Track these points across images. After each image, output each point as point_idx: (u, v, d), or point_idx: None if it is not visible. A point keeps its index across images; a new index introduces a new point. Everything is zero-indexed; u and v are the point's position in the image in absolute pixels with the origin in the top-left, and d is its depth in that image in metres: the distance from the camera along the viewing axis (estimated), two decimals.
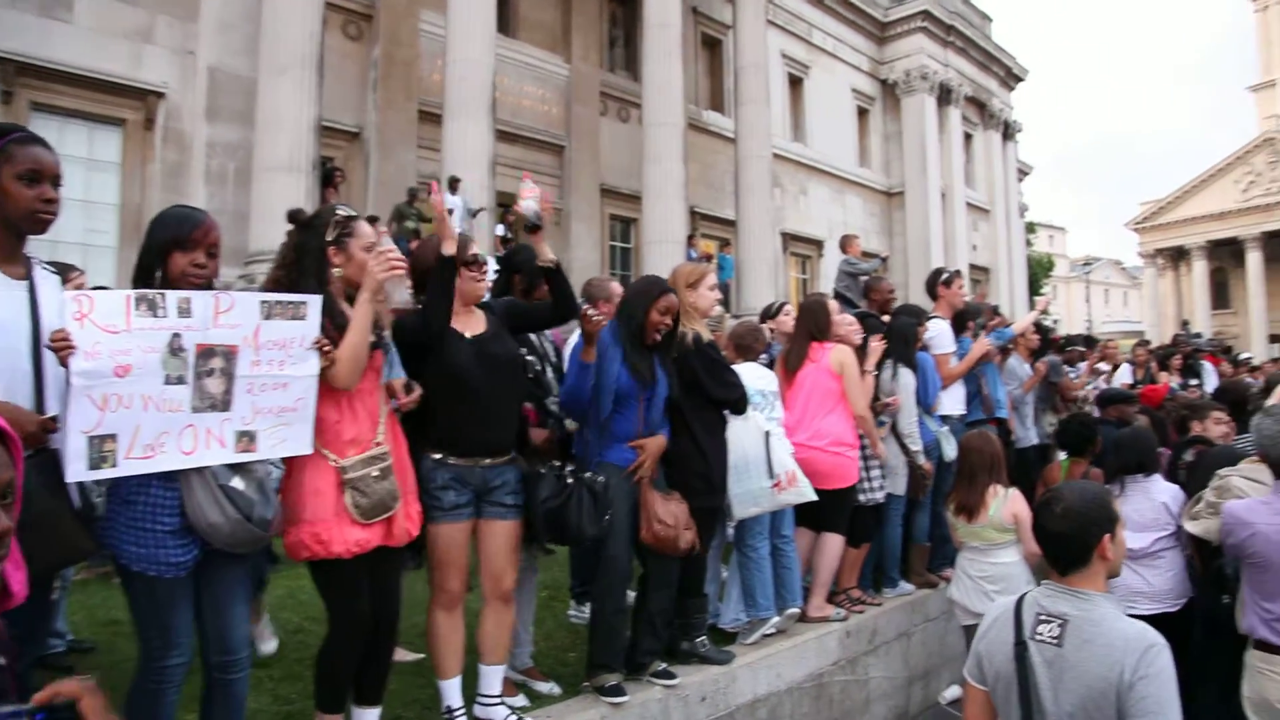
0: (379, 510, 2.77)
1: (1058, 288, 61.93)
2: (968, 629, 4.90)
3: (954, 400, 6.17)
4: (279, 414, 2.62)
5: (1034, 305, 7.76)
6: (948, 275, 6.77)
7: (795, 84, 22.68)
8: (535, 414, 3.87)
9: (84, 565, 4.65)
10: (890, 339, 5.66)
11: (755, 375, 4.66)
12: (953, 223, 25.02)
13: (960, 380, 6.28)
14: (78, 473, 2.28)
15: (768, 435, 4.43)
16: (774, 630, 4.69)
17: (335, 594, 2.87)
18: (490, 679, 3.36)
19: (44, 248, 2.59)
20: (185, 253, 2.54)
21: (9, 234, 2.36)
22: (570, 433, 3.99)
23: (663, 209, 15.02)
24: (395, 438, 2.97)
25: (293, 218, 2.97)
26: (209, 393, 2.50)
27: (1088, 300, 52.78)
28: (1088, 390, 8.17)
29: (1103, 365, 9.36)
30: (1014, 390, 6.95)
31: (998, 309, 8.37)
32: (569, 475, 3.45)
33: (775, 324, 5.96)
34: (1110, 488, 4.67)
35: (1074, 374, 8.21)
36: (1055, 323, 40.08)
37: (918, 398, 5.64)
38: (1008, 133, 29.46)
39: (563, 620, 4.96)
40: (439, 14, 13.63)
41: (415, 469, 3.08)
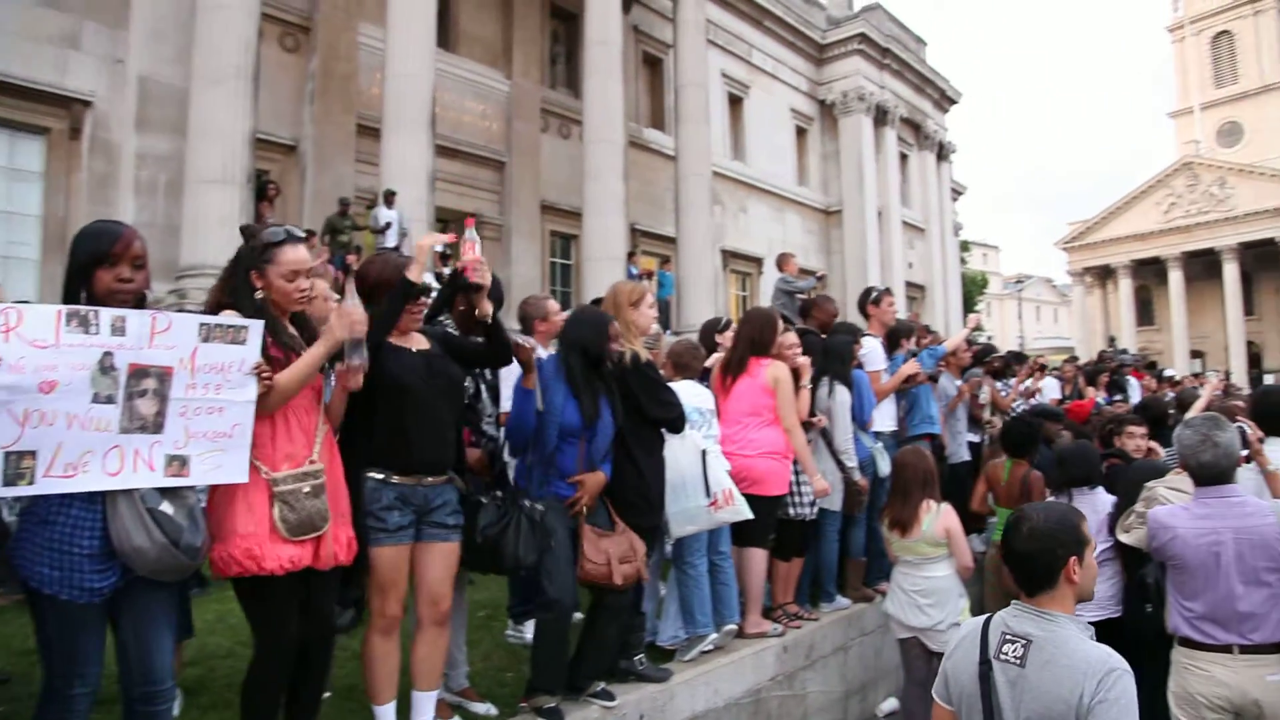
0: (306, 528, 2.70)
1: (991, 305, 63.44)
2: (903, 642, 4.99)
3: (886, 417, 6.29)
4: (214, 439, 2.56)
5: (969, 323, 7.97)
6: (876, 294, 6.91)
7: (735, 103, 22.95)
8: (470, 434, 3.84)
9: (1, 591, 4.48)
10: (827, 357, 5.75)
11: (692, 393, 4.69)
12: (889, 241, 25.51)
13: (892, 397, 6.40)
14: None
15: (705, 454, 4.46)
16: (712, 647, 4.71)
17: (263, 615, 2.78)
18: (424, 706, 3.31)
19: None
20: (109, 268, 2.47)
21: None
22: (500, 448, 3.97)
23: (603, 226, 15.04)
24: (332, 459, 2.91)
25: (242, 233, 2.95)
26: (140, 414, 2.43)
27: (1020, 317, 54.08)
28: (1017, 406, 8.38)
29: (1030, 382, 9.60)
30: (944, 408, 7.09)
31: (930, 328, 8.55)
32: (508, 502, 3.44)
33: (722, 339, 6.00)
34: (1060, 500, 4.84)
35: (1004, 388, 8.41)
36: (989, 339, 41.02)
37: (853, 415, 5.72)
38: (942, 153, 30.15)
39: (501, 640, 4.91)
40: (378, 27, 13.52)
41: (354, 492, 3.02)
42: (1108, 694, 2.06)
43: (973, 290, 43.61)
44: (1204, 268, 50.55)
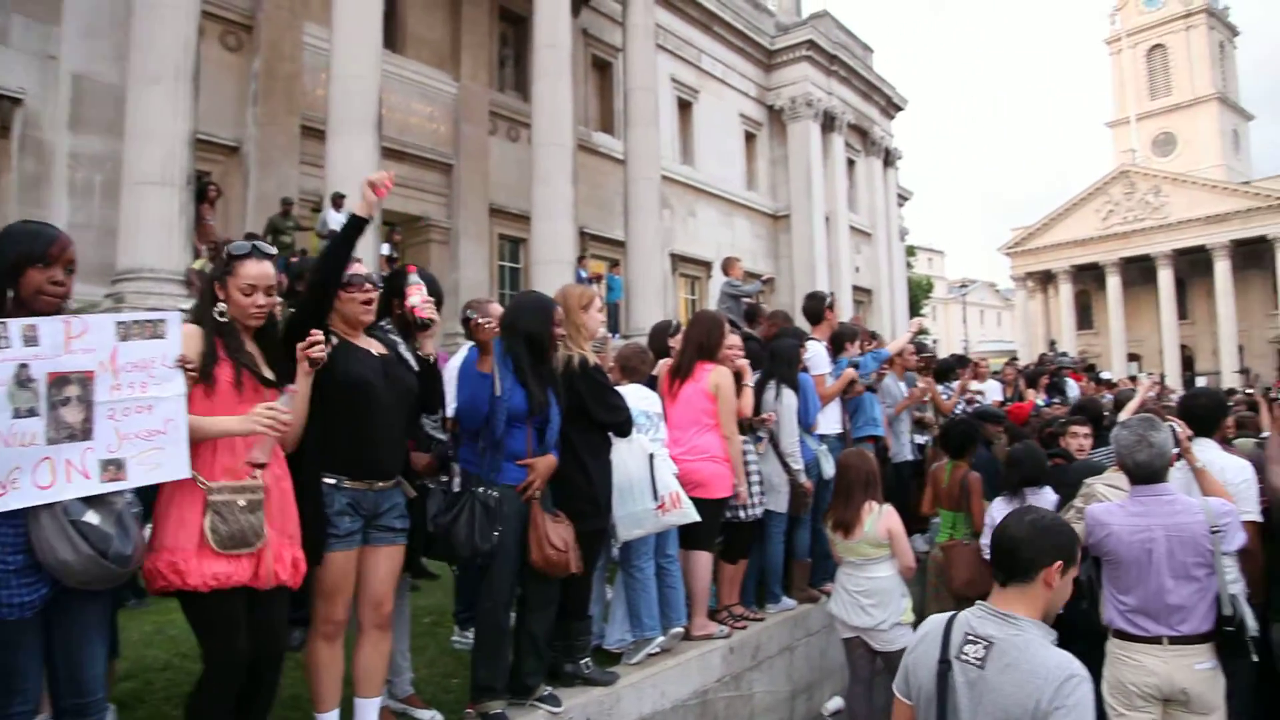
0: (238, 542, 2.62)
1: (937, 309, 64.56)
2: (847, 642, 5.05)
3: (831, 420, 6.36)
4: (148, 438, 2.50)
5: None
6: (831, 299, 7.05)
7: (685, 108, 23.06)
8: (413, 440, 3.80)
9: None
10: (774, 360, 5.81)
11: (639, 397, 4.70)
12: (837, 245, 25.81)
13: (837, 400, 6.48)
14: None
15: (652, 457, 4.47)
16: (659, 649, 4.71)
17: (205, 631, 2.71)
18: (367, 713, 3.27)
19: None
20: (43, 269, 2.41)
21: None
22: (449, 451, 3.94)
23: (552, 229, 15.00)
24: (280, 479, 2.84)
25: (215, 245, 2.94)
26: (66, 422, 2.36)
27: (964, 321, 55.13)
28: (959, 408, 8.52)
29: (975, 384, 9.77)
30: (889, 410, 7.19)
31: (875, 333, 8.67)
32: (459, 489, 3.42)
33: (675, 342, 6.01)
34: (1014, 501, 4.95)
35: (945, 392, 8.55)
36: (935, 342, 41.70)
37: (799, 417, 5.78)
38: (888, 159, 30.60)
39: (446, 646, 4.86)
40: (323, 27, 13.35)
41: (307, 500, 2.96)
42: (1065, 700, 2.07)
43: (918, 294, 44.34)
44: (1140, 273, 52.01)
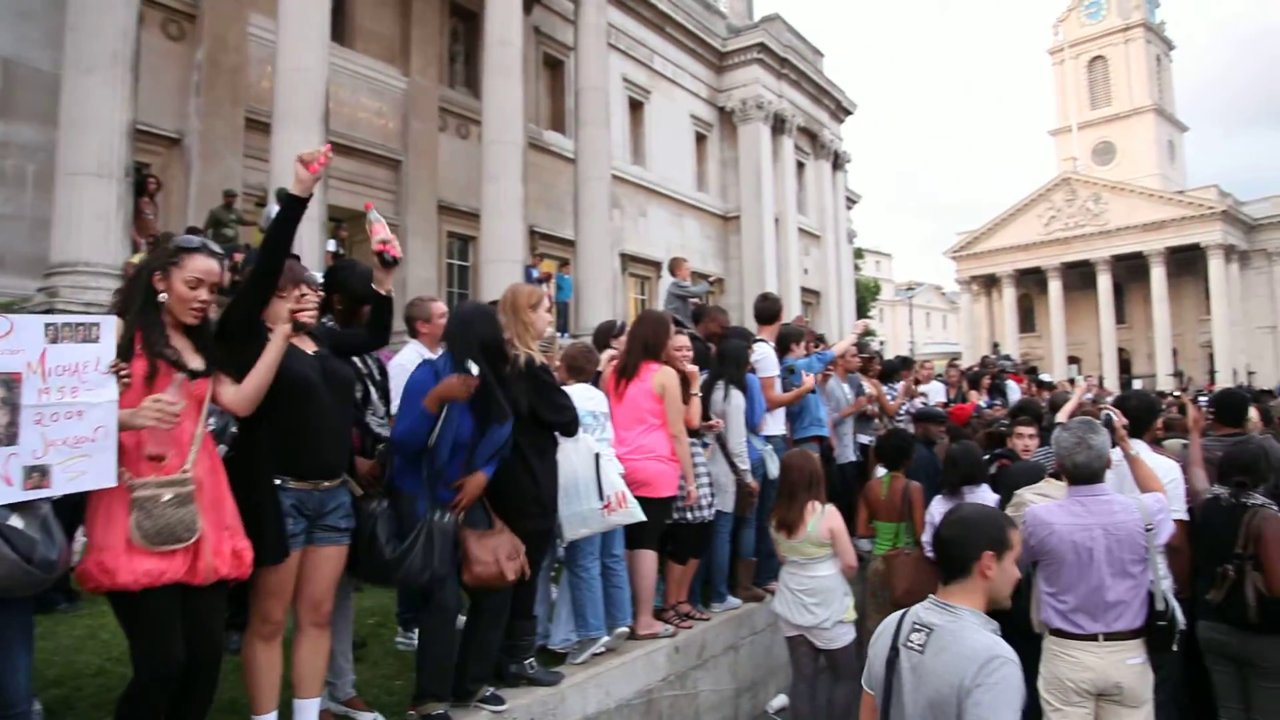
0: (166, 538, 2.53)
1: (884, 311, 65.45)
2: (790, 640, 5.09)
3: (776, 420, 6.42)
4: (75, 445, 2.42)
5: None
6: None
7: (636, 108, 23.06)
8: (359, 437, 3.76)
9: None
10: (723, 362, 5.85)
11: (586, 396, 4.71)
12: (786, 247, 26.03)
13: None
14: None
15: (598, 457, 4.47)
16: (604, 649, 4.72)
17: (137, 634, 2.62)
18: (306, 714, 3.23)
19: None
20: None
21: None
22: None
23: (502, 228, 14.90)
24: (213, 470, 2.77)
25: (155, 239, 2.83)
26: None
27: (911, 323, 55.89)
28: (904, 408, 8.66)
29: (920, 386, 9.94)
30: (834, 413, 7.27)
31: (822, 336, 8.76)
32: (390, 507, 3.38)
33: (618, 344, 6.02)
34: (952, 500, 5.03)
35: (890, 393, 8.69)
36: (882, 344, 42.29)
37: (746, 418, 5.82)
38: (837, 163, 30.92)
39: (390, 648, 4.82)
40: (269, 18, 13.08)
41: (254, 502, 2.90)
42: (986, 679, 2.18)
43: (866, 296, 44.91)
44: (1081, 278, 53.32)
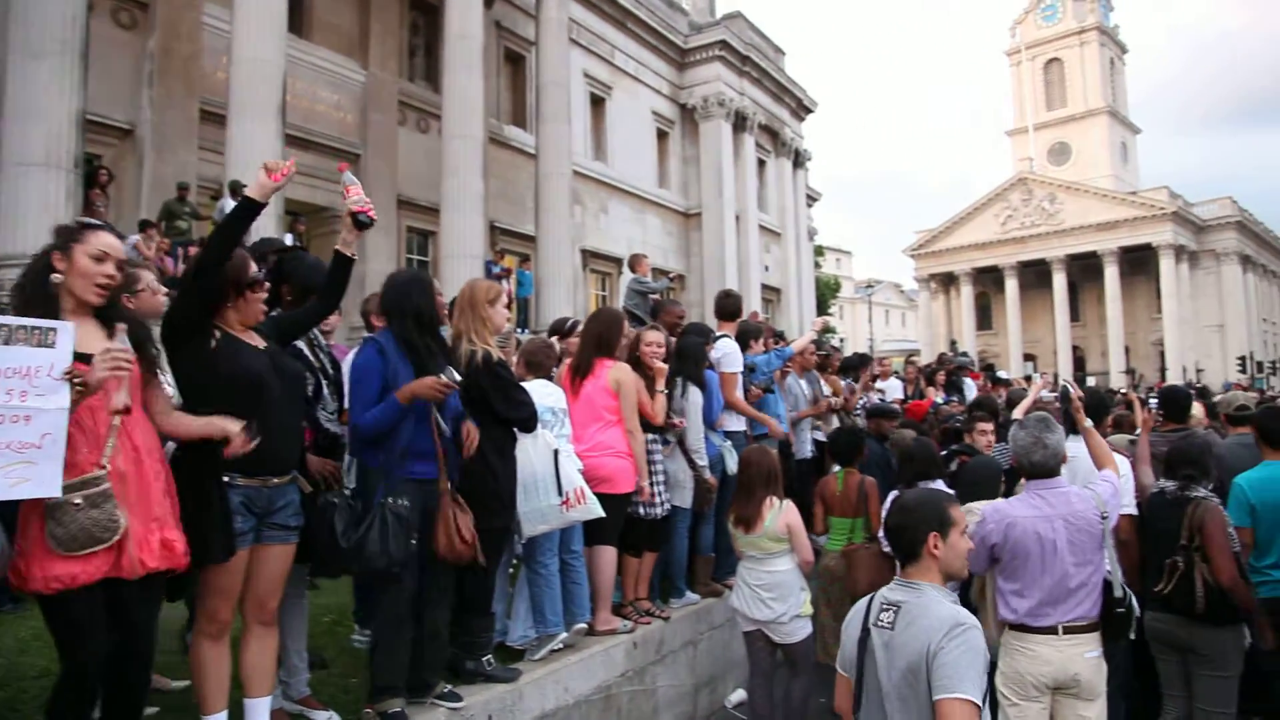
0: (83, 542, 2.46)
1: (844, 308, 66.07)
2: (748, 635, 5.12)
3: (735, 417, 6.44)
4: (19, 450, 2.35)
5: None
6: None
7: (598, 104, 23.04)
8: (311, 432, 3.72)
9: None
10: (680, 358, 5.86)
11: (545, 392, 4.70)
12: (747, 244, 26.18)
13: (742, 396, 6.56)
14: None
15: (556, 453, 4.47)
16: (562, 645, 4.72)
17: (59, 634, 2.57)
18: (257, 713, 3.19)
19: None
20: None
21: None
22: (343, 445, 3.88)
23: (462, 223, 14.83)
24: (138, 461, 2.67)
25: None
26: None
27: (870, 320, 56.44)
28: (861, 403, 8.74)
29: (878, 382, 10.03)
30: (792, 410, 7.30)
31: (783, 334, 8.82)
32: (355, 488, 3.35)
33: (568, 343, 6.03)
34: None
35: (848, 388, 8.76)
36: (842, 341, 42.69)
37: (704, 415, 5.85)
38: (798, 161, 31.14)
39: (346, 646, 4.78)
40: (224, 7, 12.91)
41: (201, 499, 2.85)
42: (949, 641, 2.37)
43: (826, 294, 45.26)
44: (1036, 277, 54.24)
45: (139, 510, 2.62)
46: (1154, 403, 8.11)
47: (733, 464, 5.93)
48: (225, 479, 2.98)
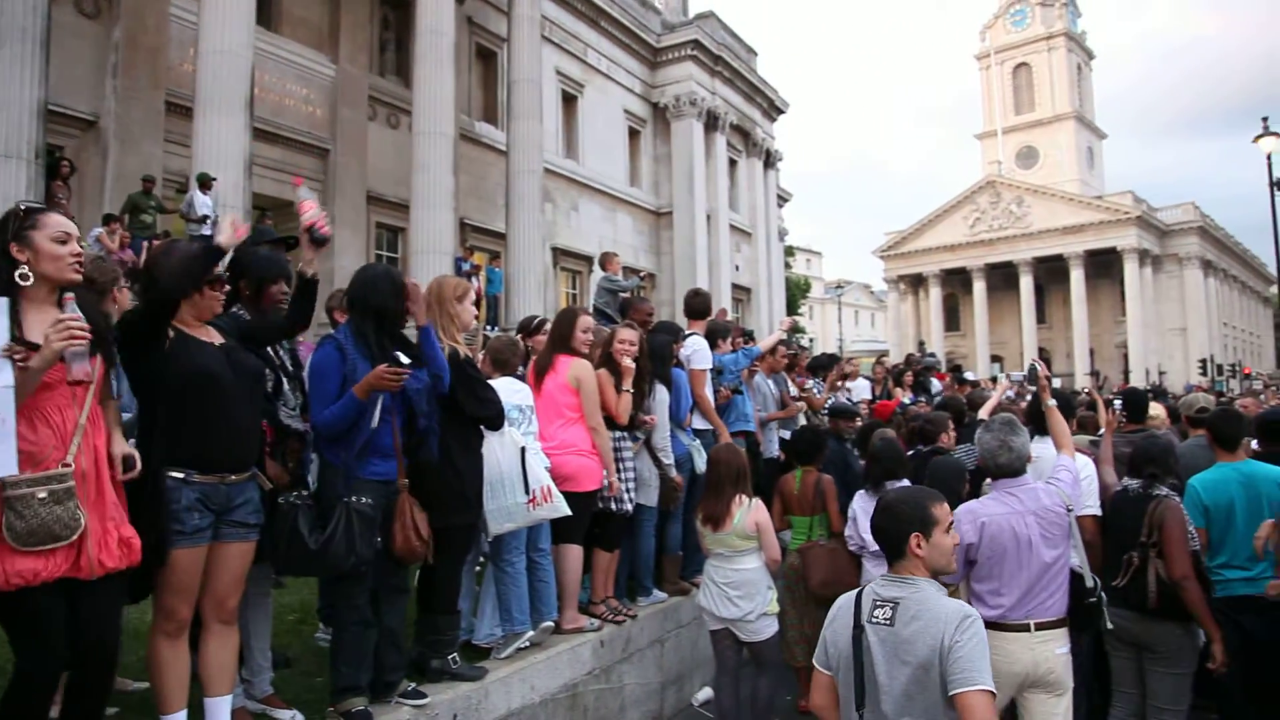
0: (41, 537, 2.43)
1: (814, 308, 66.47)
2: (714, 634, 5.14)
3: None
4: None
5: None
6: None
7: (569, 101, 23.00)
8: (271, 430, 3.69)
9: None
10: (649, 357, 5.85)
11: (511, 390, 4.69)
12: (717, 244, 26.27)
13: (711, 394, 6.57)
14: None
15: (523, 451, 4.46)
16: (528, 644, 4.71)
17: (13, 631, 2.54)
18: (218, 712, 3.16)
19: None
20: None
21: None
22: (307, 441, 3.84)
23: (432, 219, 14.76)
24: (98, 461, 2.65)
25: None
26: None
27: (840, 321, 56.71)
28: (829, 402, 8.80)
29: (846, 383, 10.09)
30: (759, 410, 7.33)
31: (752, 333, 8.85)
32: (318, 487, 3.33)
33: (534, 342, 6.02)
34: (875, 494, 5.13)
35: (816, 388, 8.82)
36: (811, 341, 42.92)
37: (671, 413, 5.86)
38: (769, 161, 31.27)
39: (311, 644, 4.75)
40: None
41: (154, 494, 2.83)
42: (963, 635, 2.41)
43: (796, 294, 45.52)
44: (1004, 279, 54.86)
45: (97, 509, 2.60)
46: (1118, 404, 8.23)
47: (701, 462, 5.95)
48: (180, 475, 2.95)
